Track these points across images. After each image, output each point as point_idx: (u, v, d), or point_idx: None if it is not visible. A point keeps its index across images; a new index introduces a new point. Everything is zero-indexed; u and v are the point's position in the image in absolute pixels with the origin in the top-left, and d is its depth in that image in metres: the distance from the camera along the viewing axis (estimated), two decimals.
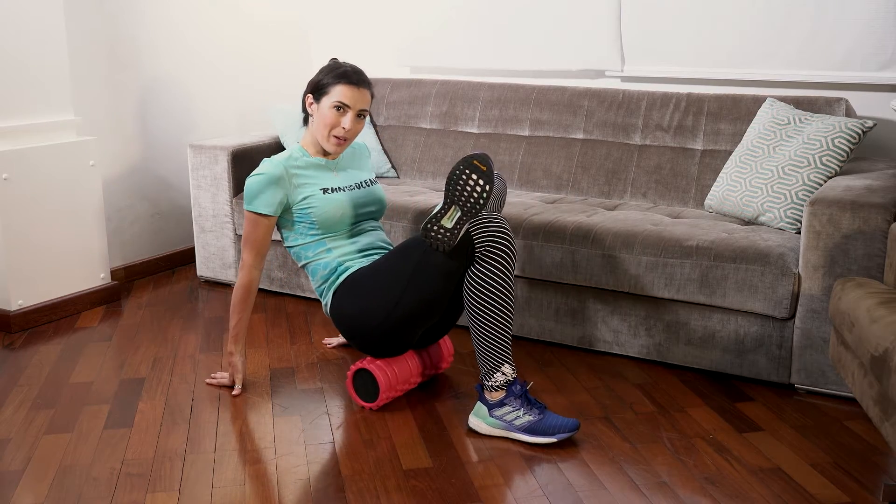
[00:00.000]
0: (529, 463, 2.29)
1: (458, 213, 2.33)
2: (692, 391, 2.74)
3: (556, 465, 2.28)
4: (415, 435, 2.45)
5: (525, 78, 4.09)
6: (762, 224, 2.99)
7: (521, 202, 3.34)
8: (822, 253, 2.59)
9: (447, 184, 2.34)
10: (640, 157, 3.50)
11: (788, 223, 2.90)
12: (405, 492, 2.15)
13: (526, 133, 3.77)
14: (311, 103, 2.66)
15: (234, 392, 2.71)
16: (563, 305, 3.03)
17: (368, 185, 2.75)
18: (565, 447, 2.37)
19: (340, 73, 2.61)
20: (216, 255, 3.78)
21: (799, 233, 2.87)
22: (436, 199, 3.39)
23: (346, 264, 2.61)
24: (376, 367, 2.55)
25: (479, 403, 2.46)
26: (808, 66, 3.46)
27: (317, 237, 2.63)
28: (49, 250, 3.37)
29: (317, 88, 2.64)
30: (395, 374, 2.57)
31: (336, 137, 2.62)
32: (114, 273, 3.80)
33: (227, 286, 3.81)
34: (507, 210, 3.19)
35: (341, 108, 2.60)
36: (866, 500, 2.11)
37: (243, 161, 3.70)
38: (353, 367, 2.60)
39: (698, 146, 3.42)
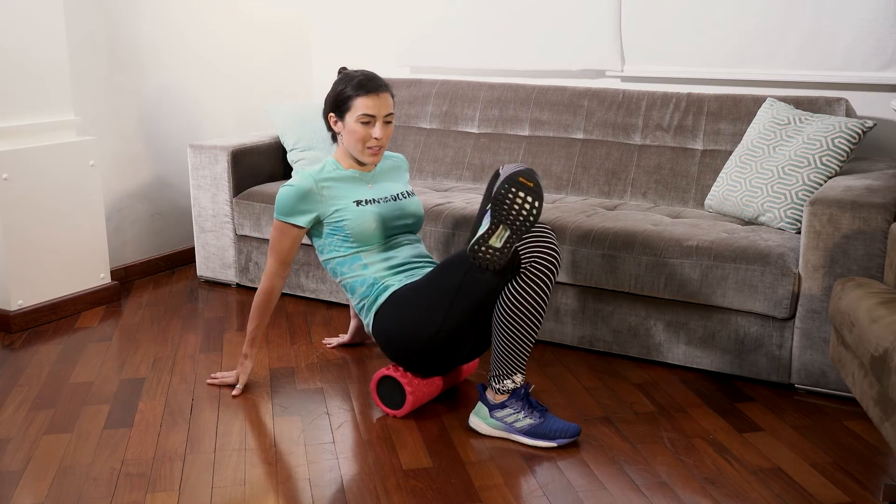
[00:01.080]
0: (529, 463, 2.29)
1: (507, 233, 2.25)
2: (692, 391, 2.74)
3: (556, 465, 2.28)
4: (415, 435, 2.44)
5: (525, 78, 4.09)
6: (762, 224, 2.99)
7: None
8: (822, 253, 2.59)
9: (493, 203, 2.24)
10: (640, 157, 3.50)
11: (788, 223, 2.90)
12: (405, 492, 2.15)
13: (526, 133, 3.77)
14: (336, 121, 2.61)
15: (234, 392, 2.71)
16: (563, 305, 3.03)
17: (404, 198, 2.70)
18: (565, 447, 2.37)
19: (356, 85, 2.56)
20: (216, 256, 3.78)
21: (799, 233, 2.87)
22: (436, 199, 3.39)
23: (385, 282, 2.56)
24: (408, 386, 2.50)
25: (480, 403, 2.45)
26: (808, 66, 3.46)
27: (351, 251, 2.59)
28: (49, 250, 3.37)
29: (337, 105, 2.59)
30: (423, 390, 2.55)
31: (370, 148, 2.59)
32: (114, 273, 3.79)
33: (226, 286, 3.81)
34: None
35: (368, 120, 2.55)
36: (866, 500, 2.11)
37: (243, 161, 3.70)
38: (380, 373, 2.55)
39: (698, 146, 3.42)
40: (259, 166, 3.77)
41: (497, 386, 2.41)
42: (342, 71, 2.67)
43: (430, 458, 2.31)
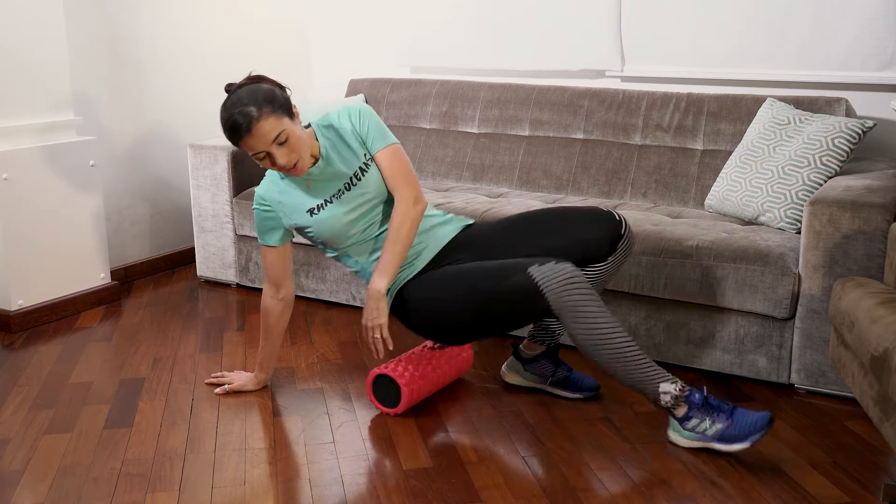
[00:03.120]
0: (529, 463, 2.29)
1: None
2: None
3: (556, 465, 2.28)
4: (415, 435, 2.44)
5: (525, 78, 4.09)
6: (762, 224, 2.99)
7: (522, 203, 3.34)
8: (822, 253, 2.59)
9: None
10: (640, 157, 3.50)
11: (788, 223, 2.90)
12: (405, 492, 2.15)
13: (526, 133, 3.77)
14: None
15: (217, 390, 2.70)
16: None
17: (358, 180, 2.48)
18: (565, 447, 2.37)
19: (230, 130, 2.32)
20: (216, 255, 3.78)
21: (799, 233, 2.87)
22: (436, 199, 3.39)
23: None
24: (405, 387, 2.49)
25: (670, 419, 2.37)
26: (808, 66, 3.46)
27: (335, 253, 2.56)
28: (49, 250, 3.37)
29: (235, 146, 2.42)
30: (420, 386, 2.55)
31: (286, 171, 2.38)
32: (114, 273, 3.79)
33: (227, 286, 3.81)
34: (506, 210, 3.18)
35: (261, 157, 2.35)
36: (866, 500, 2.11)
37: (243, 161, 3.70)
38: (375, 372, 2.55)
39: (698, 146, 3.42)
40: (259, 166, 3.77)
41: (662, 404, 2.31)
42: (227, 89, 2.40)
43: (430, 458, 2.31)
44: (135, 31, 3.86)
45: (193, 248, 4.08)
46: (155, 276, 4.00)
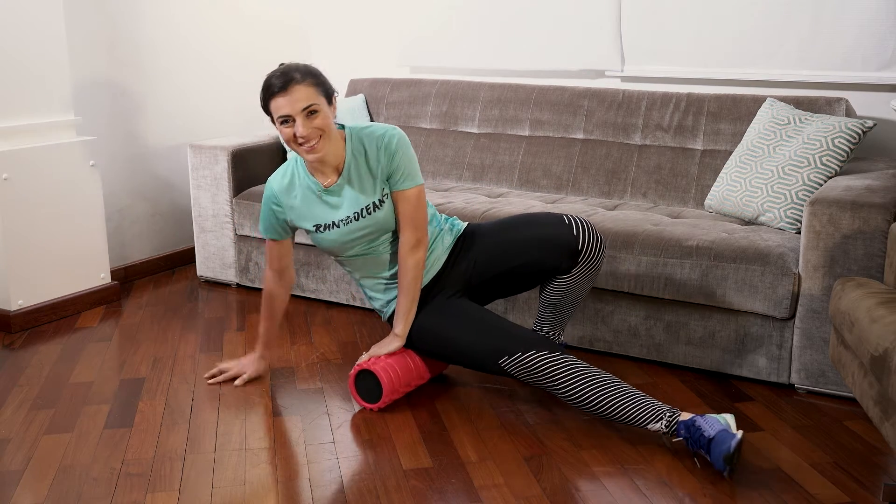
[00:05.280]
0: (529, 463, 2.29)
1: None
2: (692, 391, 2.74)
3: (556, 466, 2.28)
4: (415, 435, 2.45)
5: (525, 78, 4.09)
6: (762, 224, 2.99)
7: (522, 203, 3.34)
8: (822, 253, 2.59)
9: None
10: (640, 157, 3.50)
11: (788, 223, 2.90)
12: (405, 492, 2.15)
13: (526, 133, 3.77)
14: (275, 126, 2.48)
15: (237, 382, 2.77)
16: None
17: (369, 213, 2.51)
18: (565, 447, 2.37)
19: (265, 87, 2.41)
20: (216, 255, 3.78)
21: (799, 233, 2.87)
22: (436, 199, 3.39)
23: (381, 304, 2.68)
24: (380, 370, 2.54)
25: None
26: (808, 66, 3.46)
27: (332, 258, 2.68)
28: (49, 250, 3.37)
29: (266, 112, 2.45)
30: (399, 375, 2.57)
31: (302, 146, 2.41)
32: (114, 273, 3.79)
33: (226, 286, 3.81)
34: (506, 210, 3.18)
35: (286, 120, 2.39)
36: (866, 500, 2.11)
37: (243, 161, 3.70)
38: (355, 369, 2.59)
39: (698, 146, 3.42)
40: (259, 166, 3.77)
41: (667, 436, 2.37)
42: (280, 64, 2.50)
43: (430, 458, 2.31)
44: (135, 31, 3.86)
45: (193, 248, 4.08)
46: (155, 276, 4.00)
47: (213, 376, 2.81)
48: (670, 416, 2.30)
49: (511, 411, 2.59)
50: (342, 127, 2.54)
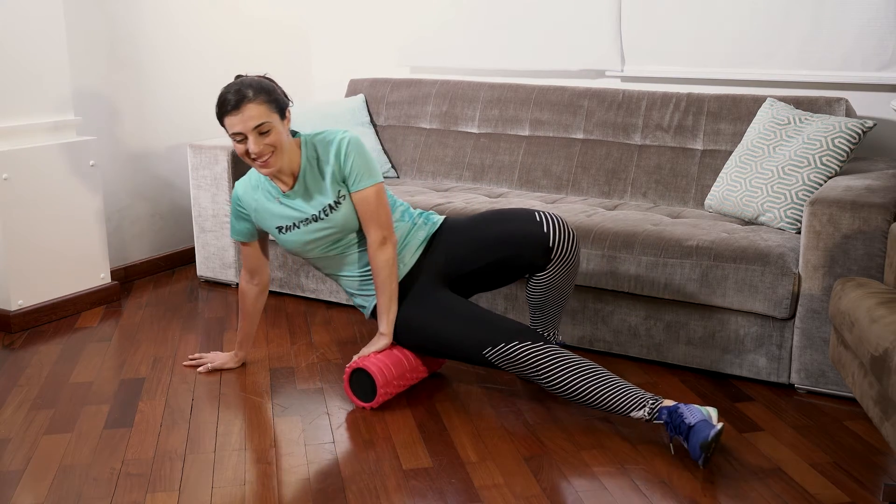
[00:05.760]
0: (529, 463, 2.29)
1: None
2: (692, 391, 2.74)
3: (556, 466, 2.28)
4: (415, 435, 2.45)
5: (525, 78, 4.09)
6: (762, 224, 2.99)
7: (522, 203, 3.34)
8: (822, 253, 2.59)
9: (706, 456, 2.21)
10: (640, 157, 3.50)
11: (788, 223, 2.90)
12: (405, 492, 2.15)
13: (526, 133, 3.77)
14: None
15: (200, 369, 2.87)
16: None
17: (325, 215, 2.57)
18: (565, 447, 2.37)
19: (219, 103, 2.44)
20: (216, 255, 3.78)
21: (799, 233, 2.87)
22: (436, 199, 3.39)
23: (363, 301, 2.72)
24: (370, 364, 2.55)
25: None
26: (808, 66, 3.46)
27: (308, 261, 2.72)
28: (49, 250, 3.37)
29: (221, 125, 2.49)
30: (392, 371, 2.57)
31: (255, 161, 2.47)
32: (114, 273, 3.79)
33: (226, 286, 3.81)
34: None
35: (239, 138, 2.45)
36: (866, 500, 2.11)
37: (243, 161, 3.70)
38: (349, 369, 2.60)
39: (698, 146, 3.42)
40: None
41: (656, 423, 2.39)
42: (236, 77, 2.53)
43: (430, 458, 2.31)
44: (135, 31, 3.86)
45: (193, 248, 4.08)
46: (155, 276, 4.00)
47: (194, 365, 2.93)
48: (653, 404, 2.33)
49: (511, 411, 2.59)
50: (296, 134, 2.63)
